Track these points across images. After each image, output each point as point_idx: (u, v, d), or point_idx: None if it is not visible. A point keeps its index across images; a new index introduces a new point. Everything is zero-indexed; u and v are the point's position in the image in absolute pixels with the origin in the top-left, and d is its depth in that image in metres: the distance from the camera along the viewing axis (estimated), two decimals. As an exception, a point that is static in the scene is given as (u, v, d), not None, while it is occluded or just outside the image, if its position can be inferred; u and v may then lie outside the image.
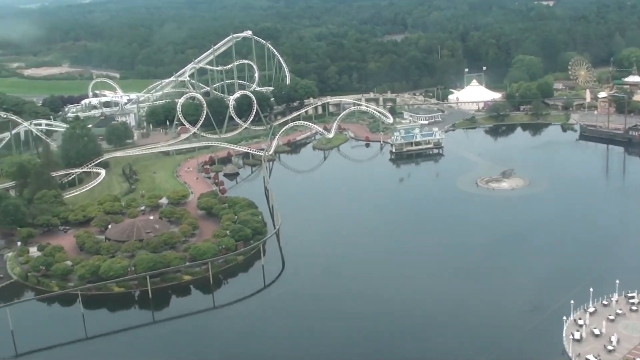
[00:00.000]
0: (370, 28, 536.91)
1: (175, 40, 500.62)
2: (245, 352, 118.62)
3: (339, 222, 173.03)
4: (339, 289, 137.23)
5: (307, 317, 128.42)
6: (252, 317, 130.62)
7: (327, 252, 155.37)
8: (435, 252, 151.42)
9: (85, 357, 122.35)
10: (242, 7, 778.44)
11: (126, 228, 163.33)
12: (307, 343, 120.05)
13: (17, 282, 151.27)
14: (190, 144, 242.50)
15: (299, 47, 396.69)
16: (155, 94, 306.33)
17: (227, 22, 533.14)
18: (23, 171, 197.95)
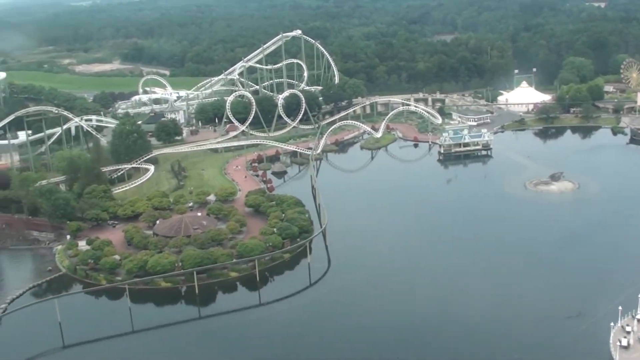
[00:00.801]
0: (420, 28, 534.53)
1: (225, 38, 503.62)
2: (289, 350, 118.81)
3: (385, 222, 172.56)
4: (384, 289, 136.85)
5: (352, 316, 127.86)
6: (297, 315, 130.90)
7: (373, 251, 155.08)
8: (482, 255, 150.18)
9: (132, 350, 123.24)
10: (292, 6, 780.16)
11: (174, 224, 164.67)
12: (351, 343, 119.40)
13: (65, 275, 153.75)
14: (239, 142, 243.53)
15: (347, 46, 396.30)
16: (204, 91, 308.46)
17: (277, 21, 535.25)
18: (73, 166, 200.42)
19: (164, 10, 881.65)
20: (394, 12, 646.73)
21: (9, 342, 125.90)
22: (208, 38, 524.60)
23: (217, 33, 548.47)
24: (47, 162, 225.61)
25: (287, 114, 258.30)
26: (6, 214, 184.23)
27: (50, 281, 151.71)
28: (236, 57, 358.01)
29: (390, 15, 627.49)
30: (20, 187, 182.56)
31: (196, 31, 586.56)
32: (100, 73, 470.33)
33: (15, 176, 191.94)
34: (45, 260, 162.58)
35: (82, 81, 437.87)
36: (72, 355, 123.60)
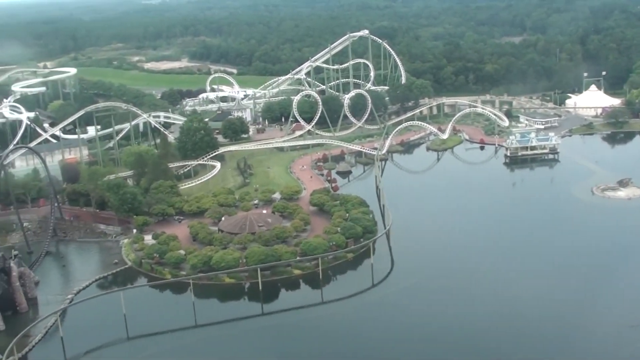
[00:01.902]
0: (488, 29, 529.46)
1: (293, 38, 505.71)
2: (350, 349, 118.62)
3: (450, 224, 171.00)
4: (447, 292, 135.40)
5: (414, 318, 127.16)
6: (359, 315, 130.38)
7: (437, 253, 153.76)
8: (545, 259, 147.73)
9: (194, 344, 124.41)
10: (359, 6, 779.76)
11: (239, 221, 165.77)
12: (412, 345, 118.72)
13: (131, 268, 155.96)
14: (305, 141, 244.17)
15: (415, 46, 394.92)
16: (271, 90, 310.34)
17: (344, 21, 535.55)
18: (141, 161, 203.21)
19: (233, 9, 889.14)
20: (462, 13, 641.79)
21: (74, 333, 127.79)
22: (276, 37, 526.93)
23: (284, 32, 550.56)
24: (115, 157, 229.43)
25: (353, 114, 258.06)
26: (75, 207, 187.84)
27: (116, 274, 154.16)
28: (303, 57, 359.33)
29: (459, 16, 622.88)
30: (88, 181, 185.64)
31: (264, 30, 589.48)
32: (168, 70, 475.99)
33: (84, 170, 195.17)
34: (112, 253, 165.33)
35: (151, 78, 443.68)
36: (135, 347, 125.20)
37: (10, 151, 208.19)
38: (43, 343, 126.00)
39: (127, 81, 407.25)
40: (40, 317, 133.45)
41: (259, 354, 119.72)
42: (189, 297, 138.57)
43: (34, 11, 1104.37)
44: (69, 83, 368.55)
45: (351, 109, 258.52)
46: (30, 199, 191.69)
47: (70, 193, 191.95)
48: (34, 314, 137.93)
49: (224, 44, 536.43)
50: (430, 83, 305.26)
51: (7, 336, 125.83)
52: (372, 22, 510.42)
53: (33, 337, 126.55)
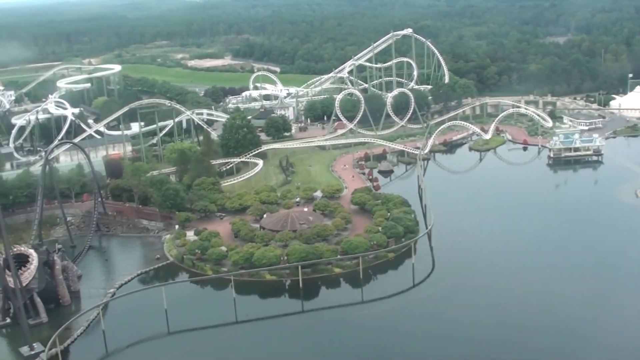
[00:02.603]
0: (532, 29, 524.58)
1: (336, 36, 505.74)
2: (390, 349, 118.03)
3: (492, 226, 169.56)
4: (488, 295, 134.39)
5: (454, 320, 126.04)
6: (399, 315, 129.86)
7: (479, 255, 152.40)
8: (589, 264, 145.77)
9: (235, 340, 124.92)
10: (403, 4, 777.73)
11: (281, 218, 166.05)
12: (450, 347, 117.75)
13: (173, 264, 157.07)
14: (347, 140, 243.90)
15: (458, 45, 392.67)
16: (314, 89, 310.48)
17: (388, 20, 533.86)
18: (184, 158, 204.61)
19: (276, 8, 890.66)
20: (506, 12, 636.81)
21: (116, 326, 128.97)
22: (319, 36, 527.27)
23: (327, 31, 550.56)
24: (158, 153, 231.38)
25: (396, 113, 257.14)
26: (118, 202, 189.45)
27: (158, 269, 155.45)
28: (346, 55, 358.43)
29: (503, 15, 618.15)
30: (132, 177, 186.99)
31: (307, 29, 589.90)
32: (211, 68, 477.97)
33: (127, 166, 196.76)
34: (154, 249, 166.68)
35: (194, 76, 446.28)
36: (176, 341, 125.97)
37: (55, 146, 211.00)
38: (85, 336, 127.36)
39: (171, 78, 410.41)
40: (83, 311, 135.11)
41: (299, 352, 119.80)
42: (230, 293, 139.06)
43: (79, 9, 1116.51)
44: (113, 80, 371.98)
45: (394, 108, 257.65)
46: (74, 193, 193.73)
47: (114, 188, 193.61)
48: (77, 307, 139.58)
49: (267, 42, 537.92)
50: (473, 83, 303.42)
51: (49, 328, 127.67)
52: (415, 20, 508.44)
53: (75, 329, 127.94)
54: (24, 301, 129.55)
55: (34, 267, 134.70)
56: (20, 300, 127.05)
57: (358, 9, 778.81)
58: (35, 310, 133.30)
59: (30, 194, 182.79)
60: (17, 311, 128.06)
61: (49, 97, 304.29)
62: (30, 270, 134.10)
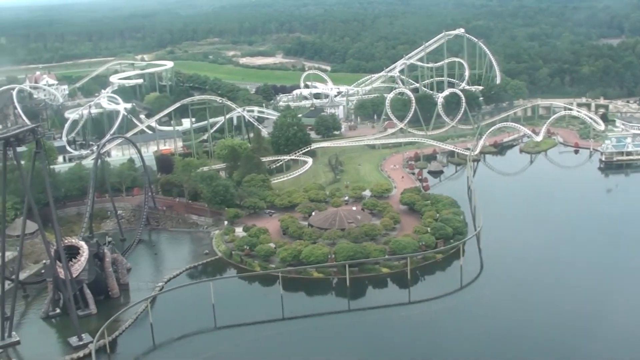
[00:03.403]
0: (585, 30, 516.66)
1: (387, 35, 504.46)
2: (435, 351, 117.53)
3: (541, 229, 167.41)
4: (537, 299, 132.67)
5: (501, 323, 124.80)
6: (446, 317, 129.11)
7: (528, 258, 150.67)
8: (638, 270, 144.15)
9: (281, 337, 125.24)
10: (455, 4, 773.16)
11: (329, 216, 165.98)
12: (496, 351, 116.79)
13: (221, 259, 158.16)
14: (397, 139, 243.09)
15: (510, 46, 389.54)
16: (364, 87, 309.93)
17: (440, 19, 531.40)
18: (234, 154, 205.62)
19: (328, 7, 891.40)
20: (559, 13, 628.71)
21: (164, 320, 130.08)
22: (370, 35, 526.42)
23: (379, 30, 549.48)
24: (209, 149, 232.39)
25: (447, 113, 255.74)
26: (168, 197, 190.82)
27: (206, 264, 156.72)
28: (397, 55, 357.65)
29: (555, 16, 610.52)
30: (182, 172, 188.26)
31: (358, 28, 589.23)
32: (263, 66, 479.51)
33: (178, 161, 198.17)
34: (203, 244, 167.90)
35: (246, 73, 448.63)
36: (223, 336, 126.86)
37: (107, 140, 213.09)
38: (133, 328, 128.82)
39: (222, 75, 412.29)
40: (131, 303, 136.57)
41: (344, 351, 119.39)
42: (277, 289, 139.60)
43: (133, 5, 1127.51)
44: (165, 76, 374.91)
45: (445, 108, 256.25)
46: (125, 187, 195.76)
47: (164, 183, 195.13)
48: (125, 300, 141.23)
49: (319, 41, 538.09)
50: (525, 84, 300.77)
51: (98, 320, 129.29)
52: (467, 20, 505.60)
53: (123, 322, 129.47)
54: (74, 292, 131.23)
55: (84, 259, 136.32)
56: (70, 291, 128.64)
57: (410, 7, 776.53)
58: (85, 301, 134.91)
59: (82, 187, 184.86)
60: (66, 302, 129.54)
61: (102, 92, 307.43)
62: (81, 262, 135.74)
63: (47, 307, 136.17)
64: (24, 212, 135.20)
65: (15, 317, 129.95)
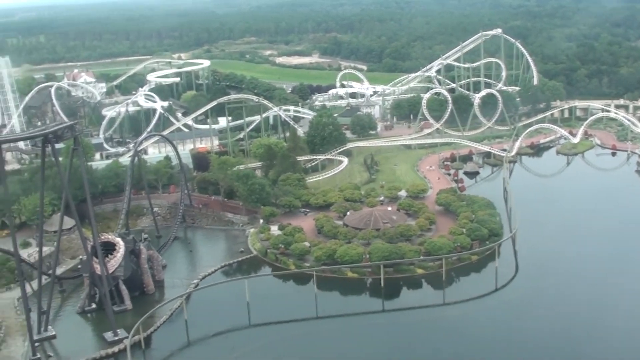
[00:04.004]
0: (623, 31, 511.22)
1: (424, 35, 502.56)
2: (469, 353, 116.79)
3: (577, 232, 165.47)
4: (572, 303, 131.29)
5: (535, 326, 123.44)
6: (481, 319, 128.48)
7: (563, 261, 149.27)
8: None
9: (315, 335, 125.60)
10: (492, 4, 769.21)
11: (364, 216, 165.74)
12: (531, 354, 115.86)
13: (256, 257, 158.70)
14: (433, 139, 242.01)
15: (548, 47, 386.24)
16: (400, 87, 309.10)
17: (476, 20, 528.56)
18: (270, 153, 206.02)
19: (364, 6, 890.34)
20: (598, 14, 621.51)
21: (198, 317, 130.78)
22: (406, 34, 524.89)
23: (415, 30, 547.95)
24: (245, 148, 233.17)
25: (483, 114, 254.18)
26: (204, 195, 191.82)
27: (241, 262, 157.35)
28: (434, 55, 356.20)
29: (594, 17, 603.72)
30: (218, 170, 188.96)
31: (395, 27, 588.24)
32: (299, 65, 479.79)
33: (214, 159, 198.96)
34: (238, 242, 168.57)
35: (282, 72, 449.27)
36: (257, 334, 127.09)
37: (144, 138, 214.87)
38: (168, 324, 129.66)
39: (259, 74, 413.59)
40: (166, 300, 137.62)
41: (378, 351, 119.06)
42: (311, 288, 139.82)
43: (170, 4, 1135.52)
44: (202, 75, 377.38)
45: (481, 109, 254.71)
46: (161, 185, 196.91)
47: (200, 181, 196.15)
48: (160, 296, 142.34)
49: (355, 40, 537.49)
50: (562, 85, 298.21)
51: (133, 316, 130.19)
52: (505, 21, 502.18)
53: (158, 318, 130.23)
54: (110, 288, 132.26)
55: (120, 255, 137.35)
56: (106, 286, 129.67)
57: (446, 7, 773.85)
58: (120, 297, 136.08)
59: (119, 184, 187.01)
60: (102, 297, 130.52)
61: (139, 90, 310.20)
62: (117, 258, 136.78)
63: (83, 302, 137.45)
64: (62, 208, 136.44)
65: (52, 312, 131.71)
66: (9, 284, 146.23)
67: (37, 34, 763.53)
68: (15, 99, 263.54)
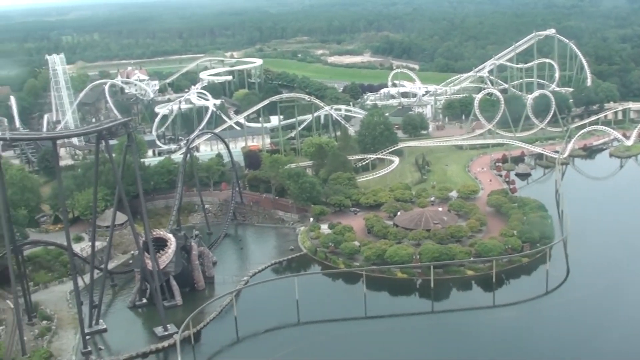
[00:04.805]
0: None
1: (477, 35, 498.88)
2: (519, 356, 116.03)
3: (630, 237, 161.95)
4: (624, 309, 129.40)
5: (586, 331, 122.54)
6: (531, 322, 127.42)
7: (616, 265, 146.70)
8: None
9: (363, 336, 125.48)
10: (546, 4, 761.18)
11: (415, 216, 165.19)
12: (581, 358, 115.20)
13: (306, 255, 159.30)
14: (484, 140, 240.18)
15: (602, 48, 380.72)
16: (452, 87, 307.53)
17: (530, 20, 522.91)
18: (321, 152, 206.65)
19: (417, 5, 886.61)
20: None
21: (248, 313, 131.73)
22: (459, 34, 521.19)
23: (468, 29, 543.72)
24: (296, 146, 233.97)
25: (536, 115, 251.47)
26: (255, 193, 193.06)
27: (291, 260, 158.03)
28: (486, 55, 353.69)
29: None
30: (270, 169, 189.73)
31: (447, 27, 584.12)
32: (351, 64, 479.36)
33: (265, 158, 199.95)
34: (288, 240, 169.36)
35: (333, 71, 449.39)
36: (306, 332, 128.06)
37: (197, 136, 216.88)
38: (217, 320, 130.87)
39: (310, 74, 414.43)
40: (216, 296, 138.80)
41: (427, 352, 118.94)
42: (360, 288, 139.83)
43: (223, 3, 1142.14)
44: (254, 73, 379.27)
45: (534, 110, 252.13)
46: (212, 182, 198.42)
47: (252, 179, 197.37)
48: (210, 293, 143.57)
49: (407, 40, 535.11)
50: (616, 87, 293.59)
51: (183, 311, 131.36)
52: (558, 21, 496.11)
53: (208, 314, 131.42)
54: (161, 283, 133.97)
55: (171, 251, 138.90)
56: (157, 282, 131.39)
57: (499, 7, 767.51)
58: (171, 292, 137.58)
59: (171, 180, 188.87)
60: (153, 292, 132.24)
61: (192, 88, 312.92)
62: (168, 254, 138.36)
63: (134, 296, 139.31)
64: (115, 203, 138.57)
65: (103, 306, 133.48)
66: (61, 278, 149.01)
67: (92, 31, 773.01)
68: (70, 96, 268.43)
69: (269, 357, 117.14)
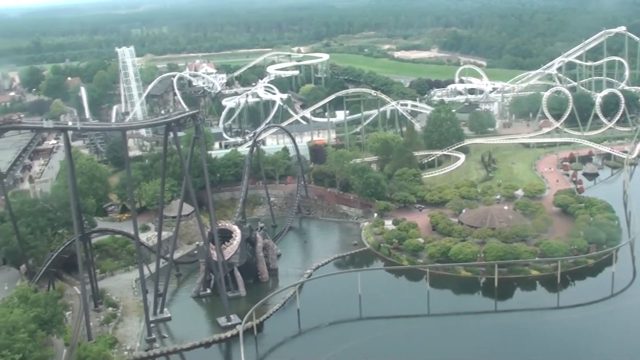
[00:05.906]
0: None
1: (545, 32, 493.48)
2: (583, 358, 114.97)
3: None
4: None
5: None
6: (594, 325, 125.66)
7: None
8: None
9: (426, 333, 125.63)
10: (616, 1, 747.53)
11: (480, 214, 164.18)
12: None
13: (369, 251, 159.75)
14: (552, 139, 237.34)
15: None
16: (520, 84, 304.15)
17: (599, 16, 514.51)
18: (386, 148, 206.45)
19: (485, 1, 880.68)
20: None
21: (310, 306, 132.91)
22: (527, 31, 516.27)
23: (537, 26, 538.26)
24: (361, 141, 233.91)
25: (604, 114, 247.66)
26: (320, 187, 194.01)
27: (354, 255, 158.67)
28: (555, 52, 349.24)
29: None
30: (335, 163, 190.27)
31: (516, 23, 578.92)
32: (417, 60, 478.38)
33: (331, 152, 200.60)
34: (351, 235, 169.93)
35: (400, 67, 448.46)
36: (367, 327, 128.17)
37: (263, 129, 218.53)
38: (280, 312, 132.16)
39: (377, 69, 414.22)
40: (280, 288, 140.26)
41: (489, 352, 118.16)
42: (423, 285, 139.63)
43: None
44: (320, 68, 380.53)
45: (602, 109, 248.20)
46: (278, 175, 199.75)
47: (317, 173, 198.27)
48: (274, 285, 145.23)
49: (475, 36, 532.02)
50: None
51: (247, 302, 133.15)
52: (629, 18, 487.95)
53: (271, 306, 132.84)
54: (225, 274, 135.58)
55: (236, 243, 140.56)
56: (221, 273, 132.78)
57: (569, 4, 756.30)
58: (235, 283, 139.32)
59: (237, 173, 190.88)
60: (217, 283, 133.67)
61: (259, 82, 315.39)
62: (233, 245, 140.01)
63: (198, 287, 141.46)
64: (182, 194, 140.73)
65: (168, 295, 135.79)
66: (127, 266, 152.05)
67: (160, 25, 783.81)
68: (139, 88, 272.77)
69: (330, 351, 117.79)
